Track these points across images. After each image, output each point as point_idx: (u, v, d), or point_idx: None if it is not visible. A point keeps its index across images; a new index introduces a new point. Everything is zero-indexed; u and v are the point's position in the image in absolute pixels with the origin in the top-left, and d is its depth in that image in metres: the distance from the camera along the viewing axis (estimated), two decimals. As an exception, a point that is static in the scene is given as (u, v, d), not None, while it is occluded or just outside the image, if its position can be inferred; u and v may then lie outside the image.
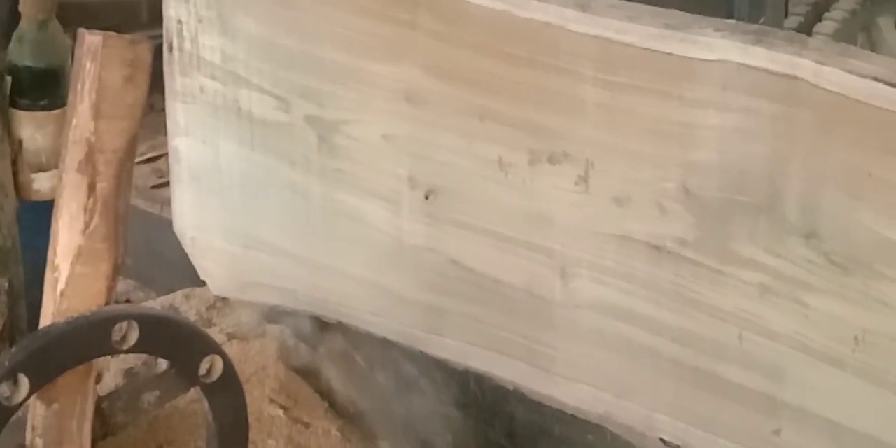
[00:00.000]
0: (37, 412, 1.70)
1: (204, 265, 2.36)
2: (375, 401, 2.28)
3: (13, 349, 1.65)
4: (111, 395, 1.86)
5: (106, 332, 1.66)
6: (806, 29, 2.58)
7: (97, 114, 1.62)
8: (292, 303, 2.27)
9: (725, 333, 1.70)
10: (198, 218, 2.32)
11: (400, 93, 1.95)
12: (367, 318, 2.15)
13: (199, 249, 2.35)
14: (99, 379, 2.21)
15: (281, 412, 2.27)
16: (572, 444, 2.00)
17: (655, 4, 1.77)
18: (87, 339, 1.66)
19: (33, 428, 1.69)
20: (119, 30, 2.60)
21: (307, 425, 2.27)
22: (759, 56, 1.58)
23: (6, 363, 1.61)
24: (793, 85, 1.56)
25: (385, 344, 2.12)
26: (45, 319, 1.67)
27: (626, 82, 1.71)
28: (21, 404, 1.62)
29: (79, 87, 1.62)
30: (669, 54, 1.66)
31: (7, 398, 1.60)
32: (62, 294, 1.66)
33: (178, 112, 2.23)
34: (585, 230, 1.81)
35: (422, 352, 2.05)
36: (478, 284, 1.96)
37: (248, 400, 1.86)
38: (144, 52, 1.65)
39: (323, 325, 2.28)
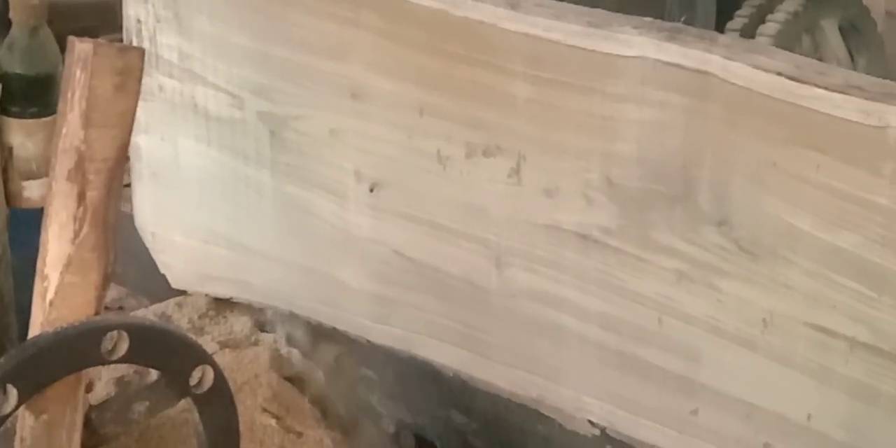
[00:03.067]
0: (25, 423, 1.69)
1: (164, 260, 2.50)
2: (368, 410, 2.35)
3: (2, 360, 1.64)
4: (101, 406, 1.85)
5: (95, 343, 1.67)
6: (750, 30, 2.71)
7: (87, 122, 1.62)
8: (248, 295, 2.40)
9: (647, 318, 1.83)
10: (158, 214, 2.46)
11: (346, 89, 2.09)
12: (316, 308, 2.28)
13: (160, 244, 2.48)
14: (90, 388, 2.22)
15: (273, 421, 2.31)
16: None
17: (592, 4, 1.91)
18: (76, 350, 1.66)
19: (22, 439, 1.70)
20: (97, 31, 2.75)
21: (299, 434, 2.30)
22: (673, 52, 1.70)
23: (-6, 373, 1.59)
24: (703, 79, 1.68)
25: (378, 352, 2.21)
26: (34, 329, 1.67)
27: (553, 78, 1.84)
28: (9, 415, 1.63)
29: (69, 95, 1.62)
30: (592, 51, 1.78)
31: (-5, 409, 1.58)
32: (51, 304, 1.66)
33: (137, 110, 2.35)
34: (518, 221, 1.94)
35: (415, 360, 2.14)
36: (420, 274, 2.09)
37: (240, 409, 1.89)
38: (135, 61, 1.65)
39: (316, 334, 2.37)
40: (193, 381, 1.78)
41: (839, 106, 1.56)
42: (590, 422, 1.94)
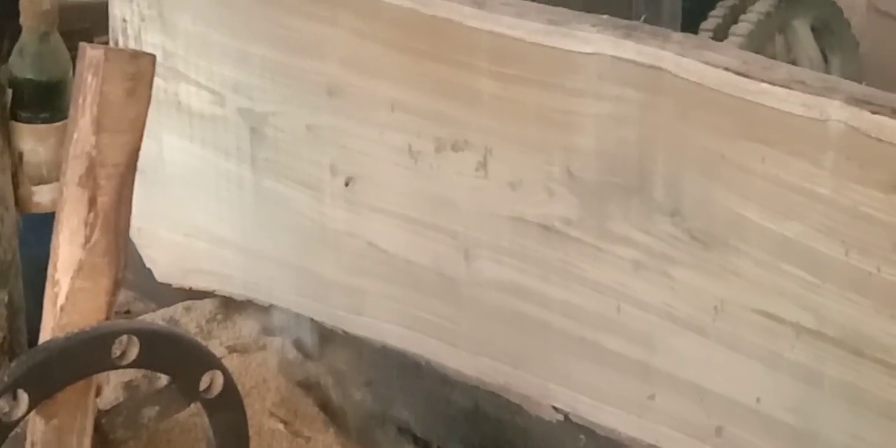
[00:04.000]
0: (36, 428, 1.71)
1: (149, 254, 2.59)
2: (376, 414, 2.41)
3: (12, 364, 1.66)
4: (111, 411, 1.85)
5: (106, 348, 1.68)
6: (723, 30, 2.79)
7: (98, 128, 1.64)
8: (229, 288, 2.49)
9: (606, 306, 1.91)
10: (143, 209, 2.52)
11: (322, 86, 2.18)
12: (294, 299, 2.37)
13: (146, 239, 2.57)
14: (99, 392, 2.24)
15: (281, 426, 2.36)
16: None
17: (558, 2, 2.00)
18: (86, 355, 1.68)
19: (33, 444, 1.71)
20: (89, 33, 2.84)
21: (308, 439, 2.35)
22: (628, 49, 1.79)
23: (5, 378, 1.62)
24: (657, 75, 1.77)
25: (386, 356, 2.28)
26: (45, 334, 1.69)
27: (516, 74, 1.93)
28: (20, 420, 1.65)
29: (80, 100, 1.64)
30: (553, 48, 1.87)
31: (6, 414, 1.63)
32: (62, 309, 1.67)
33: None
34: (485, 213, 2.03)
35: (421, 366, 2.20)
36: (392, 265, 2.18)
37: (249, 414, 1.91)
38: (146, 66, 1.66)
39: (324, 338, 2.44)
40: (203, 385, 1.81)
41: (783, 100, 1.65)
42: (554, 408, 2.02)
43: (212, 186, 2.42)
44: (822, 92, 1.62)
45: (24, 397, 1.63)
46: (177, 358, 1.79)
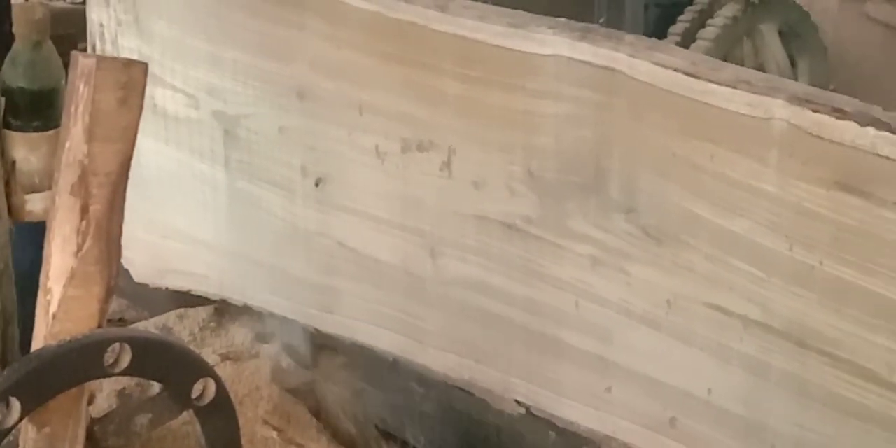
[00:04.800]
0: (28, 435, 1.72)
1: (126, 255, 2.64)
2: (370, 421, 2.47)
3: (5, 372, 1.66)
4: (103, 419, 1.86)
5: (98, 355, 1.69)
6: (691, 34, 2.88)
7: (91, 136, 1.64)
8: (204, 287, 2.57)
9: (565, 301, 1.99)
10: (122, 210, 2.63)
11: (292, 89, 2.26)
12: (267, 298, 2.45)
13: (124, 241, 2.65)
14: (92, 400, 2.28)
15: (274, 434, 2.40)
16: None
17: (527, 4, 2.08)
18: (79, 363, 1.69)
19: None
20: (73, 39, 2.92)
21: (301, 446, 2.40)
22: (584, 50, 1.88)
23: (-3, 386, 1.62)
24: (611, 76, 1.86)
25: (380, 364, 2.34)
26: (38, 342, 1.70)
27: (479, 76, 2.01)
28: (12, 428, 1.65)
29: (72, 109, 1.65)
30: (513, 50, 1.96)
31: (-1, 421, 1.62)
32: (54, 317, 1.68)
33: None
34: (450, 212, 2.11)
35: (415, 373, 2.27)
36: (361, 264, 2.26)
37: (242, 421, 1.93)
38: (138, 75, 1.68)
39: (317, 346, 2.50)
40: (195, 393, 1.82)
41: (729, 99, 1.73)
42: (517, 401, 2.11)
43: (187, 188, 2.50)
44: (765, 91, 1.70)
45: (16, 405, 1.64)
46: (169, 365, 1.81)
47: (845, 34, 4.35)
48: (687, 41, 2.97)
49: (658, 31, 3.01)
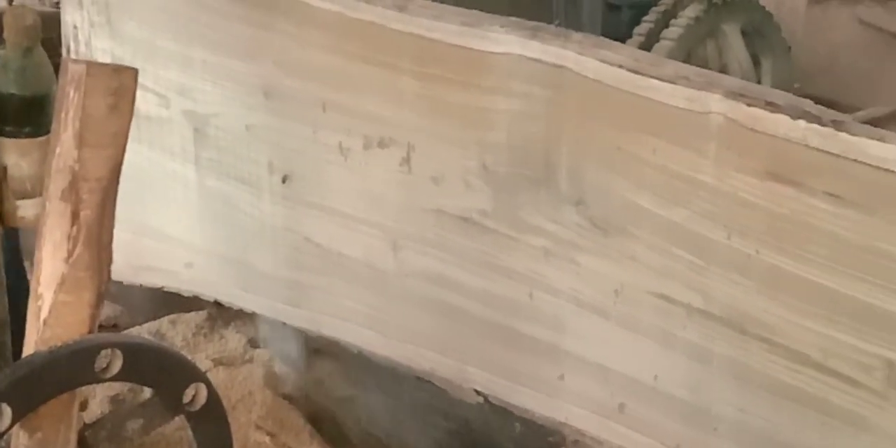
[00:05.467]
0: (20, 441, 1.73)
1: (102, 252, 2.76)
2: (363, 426, 2.55)
3: None
4: (95, 424, 1.90)
5: (89, 361, 1.71)
6: (655, 34, 2.98)
7: (81, 142, 1.67)
8: (176, 284, 2.66)
9: (519, 292, 2.09)
10: (96, 209, 2.73)
11: (259, 88, 2.36)
12: (238, 294, 2.54)
13: (99, 238, 2.74)
14: (85, 406, 2.40)
15: (267, 438, 2.46)
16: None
17: (489, 5, 2.18)
18: (70, 368, 1.71)
19: None
20: (53, 43, 3.01)
21: None
22: (534, 48, 1.97)
23: (-11, 392, 1.64)
24: (560, 73, 1.95)
25: (373, 368, 2.42)
26: (29, 348, 1.72)
27: (436, 74, 2.11)
28: (4, 433, 1.67)
29: (63, 115, 1.67)
30: (468, 48, 2.05)
31: (-11, 427, 1.64)
32: (45, 323, 1.70)
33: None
34: (410, 207, 2.21)
35: (408, 378, 2.34)
36: (327, 259, 2.35)
37: (235, 426, 1.97)
38: (129, 80, 1.70)
39: (311, 350, 2.59)
40: (187, 398, 1.85)
41: (670, 94, 1.83)
42: (475, 391, 2.20)
43: (159, 186, 2.59)
44: (703, 86, 1.80)
45: (7, 411, 1.66)
46: (160, 371, 1.83)
47: (815, 34, 4.46)
48: (651, 41, 3.07)
49: (629, 31, 3.11)
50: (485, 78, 2.05)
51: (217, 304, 2.66)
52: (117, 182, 1.75)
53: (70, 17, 2.64)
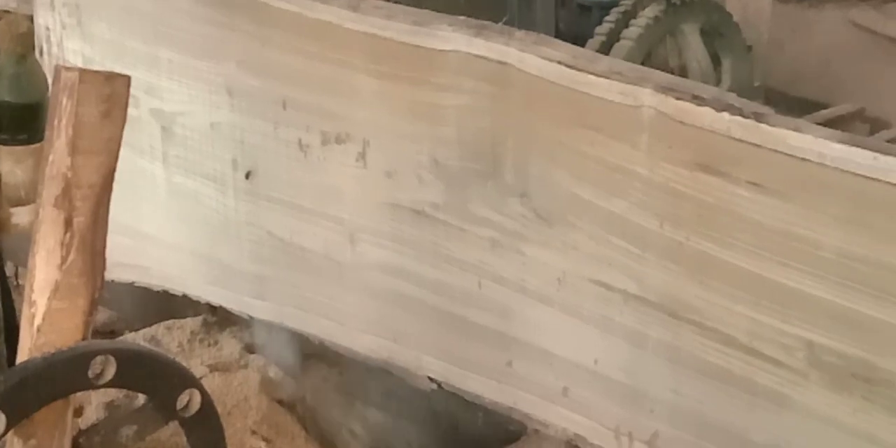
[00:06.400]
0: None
1: (75, 249, 2.90)
2: (358, 432, 2.64)
3: None
4: (89, 430, 1.91)
5: (83, 368, 1.75)
6: (616, 34, 3.12)
7: (74, 149, 1.70)
8: (147, 279, 2.80)
9: (469, 282, 2.21)
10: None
11: (222, 86, 2.49)
12: (205, 288, 2.68)
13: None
14: (80, 412, 2.46)
15: (263, 444, 2.52)
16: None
17: (449, 5, 2.31)
18: (64, 375, 1.74)
19: None
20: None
21: None
22: (480, 46, 2.10)
23: (-18, 399, 1.66)
24: (504, 69, 2.08)
25: (368, 374, 2.53)
26: (22, 355, 1.76)
27: (389, 71, 2.24)
28: None
29: (56, 122, 1.71)
30: (418, 46, 2.18)
31: (-17, 434, 1.66)
32: (39, 329, 1.73)
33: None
34: (366, 200, 2.34)
35: (403, 382, 2.42)
36: (288, 252, 2.48)
37: (230, 432, 2.04)
38: (121, 88, 1.75)
39: (305, 356, 2.69)
40: (181, 404, 1.89)
41: (605, 89, 1.96)
42: (429, 378, 2.33)
43: (129, 183, 2.69)
44: (635, 81, 1.93)
45: (1, 417, 1.69)
46: (154, 377, 1.87)
47: (808, 37, 4.58)
48: (612, 41, 3.20)
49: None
50: (434, 75, 2.17)
51: (212, 310, 2.80)
52: (111, 189, 1.80)
53: (42, 19, 2.77)
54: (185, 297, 2.72)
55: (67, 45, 2.74)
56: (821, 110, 3.52)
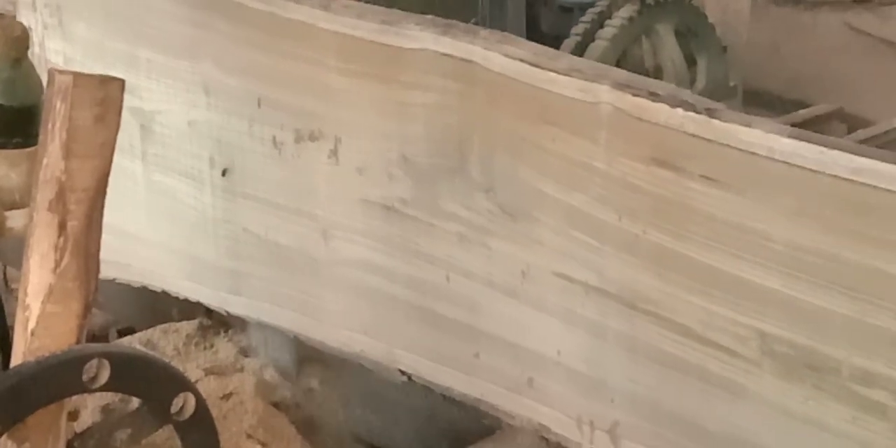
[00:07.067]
0: None
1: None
2: (354, 435, 2.70)
3: None
4: (83, 434, 1.92)
5: (77, 371, 1.77)
6: (591, 34, 3.20)
7: (68, 153, 1.72)
8: (127, 276, 2.88)
9: (438, 276, 2.30)
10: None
11: (199, 85, 2.58)
12: (184, 284, 2.76)
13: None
14: (76, 416, 2.50)
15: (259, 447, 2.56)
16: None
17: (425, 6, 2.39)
18: (57, 379, 1.77)
19: None
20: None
21: None
22: (446, 44, 2.18)
23: (-24, 403, 1.68)
24: (469, 67, 2.16)
25: (364, 376, 2.57)
26: (16, 358, 1.78)
27: (359, 70, 2.32)
28: None
29: (49, 126, 1.72)
30: (387, 45, 2.26)
31: (-23, 437, 1.70)
32: (33, 333, 1.75)
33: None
34: (338, 197, 2.42)
35: (400, 385, 2.49)
36: (264, 248, 2.57)
37: (226, 435, 2.06)
38: (115, 91, 1.77)
39: (302, 359, 2.75)
40: (175, 408, 1.92)
41: (565, 86, 2.04)
42: (400, 371, 2.41)
43: (110, 182, 2.80)
44: (594, 78, 2.01)
45: None
46: (148, 381, 1.89)
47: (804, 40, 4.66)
48: (587, 41, 3.29)
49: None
50: (403, 73, 2.26)
51: (208, 313, 2.87)
52: (104, 192, 1.83)
53: (25, 20, 2.85)
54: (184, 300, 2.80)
55: (49, 46, 2.83)
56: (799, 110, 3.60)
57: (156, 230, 2.76)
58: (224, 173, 2.59)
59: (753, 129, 1.86)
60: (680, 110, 1.92)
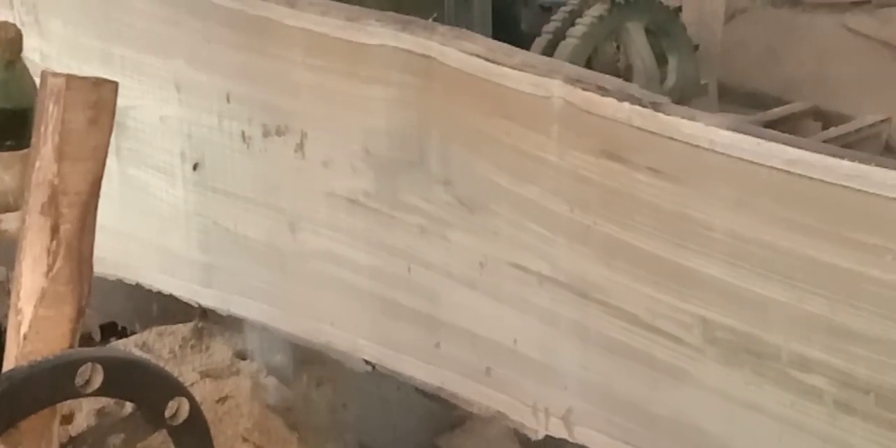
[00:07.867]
0: None
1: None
2: (350, 437, 2.78)
3: None
4: (76, 439, 2.03)
5: (70, 376, 1.78)
6: (562, 33, 3.30)
7: (60, 156, 1.74)
8: (102, 269, 2.92)
9: (400, 267, 2.39)
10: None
11: (171, 81, 2.67)
12: (157, 277, 2.86)
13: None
14: (71, 419, 2.54)
15: None
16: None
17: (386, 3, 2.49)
18: (50, 383, 1.78)
19: None
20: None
21: None
22: (405, 40, 2.28)
23: (-31, 407, 1.70)
24: (428, 62, 2.26)
25: (360, 379, 2.66)
26: (9, 363, 1.79)
27: (324, 65, 2.42)
28: None
29: (42, 129, 1.75)
30: (350, 41, 2.36)
31: (-31, 442, 1.73)
32: (25, 337, 1.77)
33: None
34: (304, 190, 2.51)
35: (397, 387, 2.62)
36: (233, 241, 2.67)
37: (222, 439, 2.10)
38: (108, 94, 1.80)
39: (298, 362, 2.84)
40: (169, 412, 1.94)
41: (519, 81, 2.13)
42: (365, 361, 2.50)
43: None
44: (546, 73, 2.10)
45: None
46: (142, 385, 1.91)
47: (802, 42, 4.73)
48: (558, 39, 3.38)
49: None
50: (365, 68, 2.35)
51: (204, 316, 2.98)
52: (97, 196, 1.85)
53: (2, 17, 2.95)
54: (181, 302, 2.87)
55: (26, 43, 2.91)
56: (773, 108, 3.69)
57: (129, 223, 2.86)
58: (195, 167, 2.68)
59: (695, 122, 1.95)
60: (627, 104, 2.01)
